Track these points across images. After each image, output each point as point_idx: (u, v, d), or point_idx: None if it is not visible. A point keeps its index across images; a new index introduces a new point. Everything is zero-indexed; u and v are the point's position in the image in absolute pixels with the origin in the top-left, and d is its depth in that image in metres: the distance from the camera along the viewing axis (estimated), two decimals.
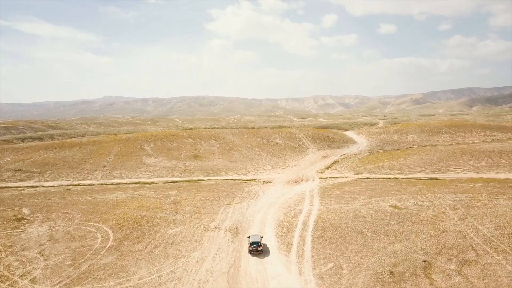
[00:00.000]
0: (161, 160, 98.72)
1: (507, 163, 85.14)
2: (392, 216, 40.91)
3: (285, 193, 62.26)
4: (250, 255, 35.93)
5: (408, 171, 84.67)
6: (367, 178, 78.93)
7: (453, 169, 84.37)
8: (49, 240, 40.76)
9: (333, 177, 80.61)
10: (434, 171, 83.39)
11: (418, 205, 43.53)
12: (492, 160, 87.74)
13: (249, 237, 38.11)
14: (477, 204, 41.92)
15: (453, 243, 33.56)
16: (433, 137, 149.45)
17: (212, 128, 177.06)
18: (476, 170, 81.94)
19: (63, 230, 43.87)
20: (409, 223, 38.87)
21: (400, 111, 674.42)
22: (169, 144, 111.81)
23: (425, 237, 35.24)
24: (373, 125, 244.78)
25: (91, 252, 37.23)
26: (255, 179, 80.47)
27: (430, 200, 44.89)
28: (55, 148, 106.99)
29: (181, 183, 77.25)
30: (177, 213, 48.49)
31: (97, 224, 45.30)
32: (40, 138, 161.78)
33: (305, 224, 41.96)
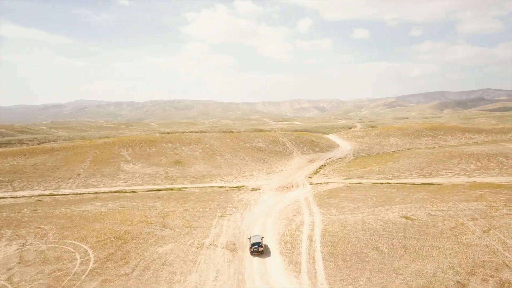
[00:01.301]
0: (141, 166, 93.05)
1: (496, 166, 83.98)
2: (407, 228, 37.58)
3: (278, 202, 58.34)
4: (253, 261, 34.84)
5: (398, 176, 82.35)
6: (359, 183, 76.04)
7: (444, 173, 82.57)
8: (19, 263, 35.32)
9: (323, 183, 77.34)
10: (425, 175, 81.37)
11: (431, 215, 40.42)
12: (481, 163, 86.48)
13: (249, 238, 38.16)
14: (496, 213, 39.17)
15: (483, 260, 30.42)
16: (415, 140, 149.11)
17: (193, 132, 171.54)
18: (467, 174, 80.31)
19: (36, 250, 38.43)
20: (427, 236, 35.60)
21: (374, 114, 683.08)
22: (148, 149, 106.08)
23: (450, 253, 32.00)
24: (350, 128, 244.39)
25: (70, 277, 32.14)
26: (242, 186, 76.21)
27: (442, 210, 41.90)
28: (25, 155, 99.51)
29: (163, 191, 72.12)
30: (166, 228, 43.68)
31: (75, 242, 40.04)
32: (8, 144, 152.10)
33: (310, 238, 38.05)
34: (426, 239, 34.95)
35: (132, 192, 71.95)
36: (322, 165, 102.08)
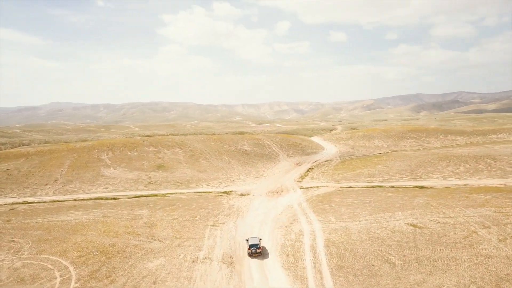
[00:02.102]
0: (122, 171, 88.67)
1: (485, 168, 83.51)
2: (416, 238, 35.31)
3: (271, 208, 55.57)
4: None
5: (389, 179, 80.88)
6: (350, 187, 74.16)
7: (434, 175, 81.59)
8: None
9: (314, 187, 75.08)
10: (416, 178, 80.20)
11: (439, 222, 38.32)
12: (470, 165, 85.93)
13: (247, 240, 38.20)
14: (508, 220, 37.31)
15: (507, 273, 28.34)
16: (400, 142, 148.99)
17: (175, 135, 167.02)
18: (457, 176, 79.52)
19: (9, 267, 34.46)
20: (440, 246, 33.37)
21: (353, 117, 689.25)
22: (129, 153, 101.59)
23: (469, 266, 29.83)
24: (331, 130, 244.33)
25: None
26: (231, 191, 73.11)
27: (450, 216, 39.89)
28: None
29: (147, 198, 68.33)
30: (154, 239, 40.18)
31: (54, 258, 36.19)
32: None
33: (314, 250, 35.34)
34: (440, 249, 32.73)
35: (114, 198, 67.89)
36: (310, 168, 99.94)
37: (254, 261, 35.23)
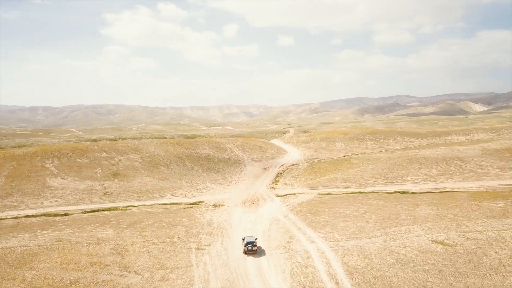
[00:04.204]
0: (71, 180, 77.86)
1: (457, 170, 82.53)
2: (454, 259, 30.28)
3: (255, 222, 49.11)
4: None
5: (365, 184, 77.36)
6: (329, 193, 69.57)
7: (409, 179, 79.28)
8: None
9: (291, 194, 69.58)
10: (392, 182, 77.38)
11: (469, 238, 33.84)
12: (441, 168, 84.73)
13: (243, 239, 38.51)
14: None
15: None
16: (360, 145, 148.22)
17: (130, 139, 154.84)
18: (433, 179, 77.71)
19: None
20: (487, 270, 28.49)
21: (301, 120, 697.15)
22: (78, 160, 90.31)
23: None
24: (284, 133, 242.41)
25: None
26: (201, 202, 65.59)
27: (477, 230, 35.64)
28: None
29: (106, 212, 59.11)
30: (129, 271, 32.07)
31: None
32: None
33: (334, 279, 29.18)
34: (489, 274, 27.88)
35: (65, 214, 57.91)
36: (279, 173, 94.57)
37: None
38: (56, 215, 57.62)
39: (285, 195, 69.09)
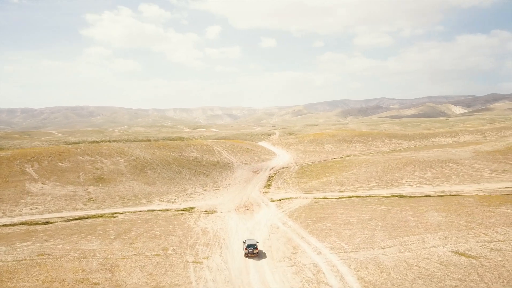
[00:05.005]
0: (53, 186, 73.48)
1: (452, 173, 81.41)
2: (481, 274, 27.80)
3: (253, 230, 46.23)
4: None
5: (360, 187, 75.40)
6: (325, 198, 67.19)
7: (405, 182, 77.70)
8: None
9: (286, 199, 66.93)
10: (388, 186, 75.62)
11: (492, 249, 31.62)
12: (436, 170, 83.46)
13: (245, 241, 38.60)
14: None
15: None
16: (349, 147, 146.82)
17: (112, 141, 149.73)
18: (428, 182, 76.34)
19: None
20: None
21: (285, 122, 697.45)
22: (60, 163, 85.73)
23: None
24: (270, 135, 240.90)
25: None
26: (192, 208, 62.33)
27: (498, 240, 33.45)
28: None
29: (90, 219, 55.34)
30: None
31: None
32: None
33: None
34: None
35: (47, 222, 53.89)
36: (270, 176, 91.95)
37: None
38: (36, 223, 53.55)
39: (280, 199, 66.43)
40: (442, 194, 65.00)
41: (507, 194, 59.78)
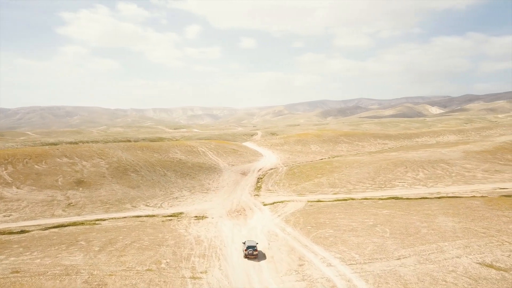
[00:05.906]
0: (29, 190, 68.43)
1: (444, 174, 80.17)
2: None
3: (250, 238, 42.90)
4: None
5: (354, 189, 73.13)
6: (319, 200, 64.59)
7: (398, 183, 75.91)
8: None
9: (279, 202, 63.95)
10: (382, 187, 73.64)
11: None
12: (428, 171, 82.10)
13: (244, 243, 38.27)
14: None
15: None
16: (335, 147, 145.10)
17: (91, 142, 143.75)
18: (422, 183, 74.80)
19: None
20: None
21: (266, 122, 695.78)
22: (36, 166, 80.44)
23: None
24: (252, 135, 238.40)
25: None
26: (180, 214, 58.63)
27: None
28: None
29: (71, 227, 51.01)
30: None
31: None
32: None
33: None
34: None
35: (22, 231, 49.25)
36: (259, 178, 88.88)
37: None
38: (10, 232, 48.83)
39: (273, 203, 63.40)
40: (438, 196, 63.20)
41: (506, 196, 58.36)
